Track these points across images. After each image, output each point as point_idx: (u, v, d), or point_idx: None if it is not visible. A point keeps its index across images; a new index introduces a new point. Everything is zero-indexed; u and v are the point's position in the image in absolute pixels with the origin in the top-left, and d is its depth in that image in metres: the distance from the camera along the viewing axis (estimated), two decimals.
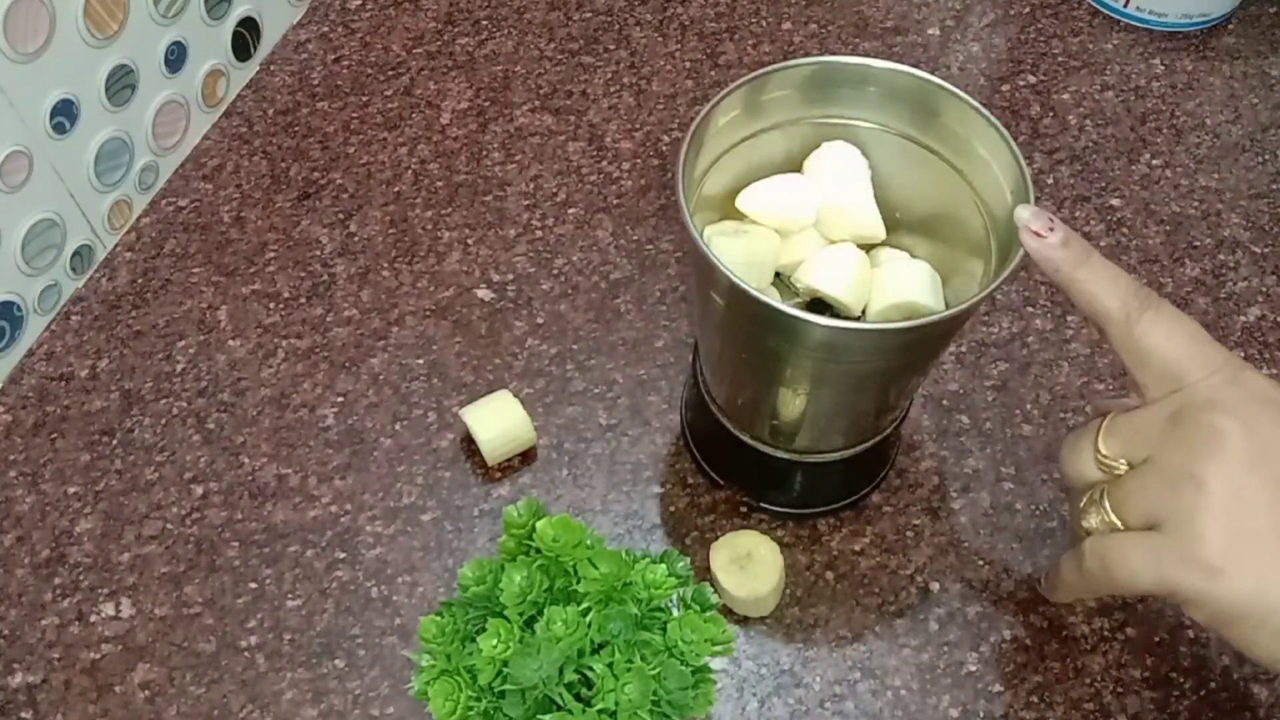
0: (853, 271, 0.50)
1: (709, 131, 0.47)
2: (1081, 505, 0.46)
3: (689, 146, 0.46)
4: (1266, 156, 0.72)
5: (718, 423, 0.55)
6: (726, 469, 0.58)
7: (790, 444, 0.54)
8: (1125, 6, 0.70)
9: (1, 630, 0.55)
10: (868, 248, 0.52)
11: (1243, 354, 0.64)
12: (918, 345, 0.47)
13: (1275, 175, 0.72)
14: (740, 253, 0.49)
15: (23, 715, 0.53)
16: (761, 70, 0.48)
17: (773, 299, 0.43)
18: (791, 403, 0.50)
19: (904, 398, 0.54)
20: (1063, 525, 0.58)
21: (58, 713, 0.53)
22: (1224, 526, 0.40)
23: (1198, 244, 0.69)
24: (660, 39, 0.78)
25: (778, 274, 0.52)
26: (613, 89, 0.75)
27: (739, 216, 0.51)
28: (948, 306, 0.50)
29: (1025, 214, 0.44)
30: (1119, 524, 0.43)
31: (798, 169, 0.52)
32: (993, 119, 0.47)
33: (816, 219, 0.51)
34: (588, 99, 0.75)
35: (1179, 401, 0.42)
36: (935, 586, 0.56)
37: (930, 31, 0.56)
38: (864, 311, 0.51)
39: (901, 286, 0.50)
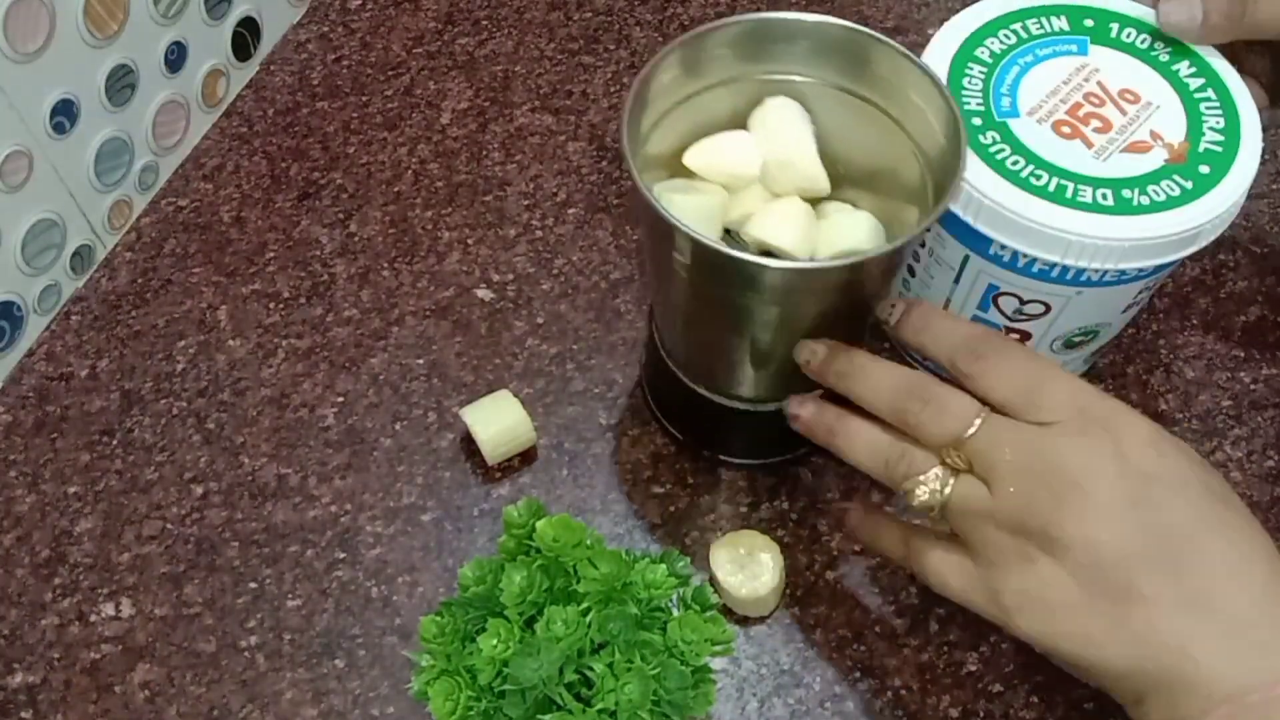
0: (799, 224, 0.51)
1: (652, 91, 0.48)
2: (912, 475, 0.45)
3: (632, 106, 0.47)
4: (1266, 157, 0.72)
5: (677, 379, 0.56)
6: (686, 424, 0.59)
7: (744, 392, 0.55)
8: None
9: (1, 630, 0.55)
10: (813, 202, 0.53)
11: (1242, 354, 0.64)
12: (859, 284, 0.48)
13: (1275, 175, 0.72)
14: (689, 209, 0.50)
15: (23, 715, 0.53)
16: (695, 30, 0.49)
17: (720, 243, 0.44)
18: (743, 351, 0.52)
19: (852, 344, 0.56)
20: None
21: (58, 713, 0.53)
22: (1025, 598, 0.42)
23: None
24: (660, 39, 0.78)
25: (727, 230, 0.53)
26: (613, 89, 0.75)
27: (687, 174, 0.52)
28: None
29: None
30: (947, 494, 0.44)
31: (743, 125, 0.52)
32: (921, 63, 0.48)
33: (762, 173, 0.52)
34: (588, 99, 0.75)
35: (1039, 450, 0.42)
36: None
37: (930, 31, 0.56)
38: None
39: (846, 236, 0.51)
